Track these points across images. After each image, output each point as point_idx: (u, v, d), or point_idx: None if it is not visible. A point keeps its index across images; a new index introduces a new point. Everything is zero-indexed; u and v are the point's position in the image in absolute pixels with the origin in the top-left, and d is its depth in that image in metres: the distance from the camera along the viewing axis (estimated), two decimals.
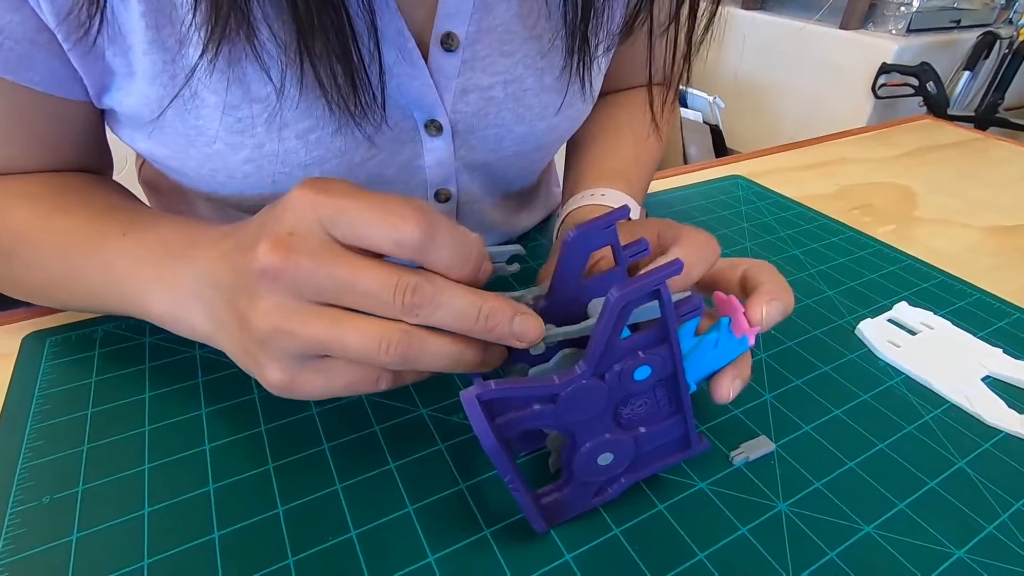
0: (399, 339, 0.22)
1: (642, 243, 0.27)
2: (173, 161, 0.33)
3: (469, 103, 0.36)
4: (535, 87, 0.38)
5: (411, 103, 0.35)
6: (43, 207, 0.32)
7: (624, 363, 0.23)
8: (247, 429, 0.31)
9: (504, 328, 0.23)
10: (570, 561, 0.26)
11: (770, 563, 0.26)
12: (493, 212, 0.47)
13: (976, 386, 0.35)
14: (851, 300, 0.43)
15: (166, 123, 0.31)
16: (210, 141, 0.31)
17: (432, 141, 0.37)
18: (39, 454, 0.29)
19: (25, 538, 0.25)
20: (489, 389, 0.22)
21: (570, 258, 0.25)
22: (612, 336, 0.22)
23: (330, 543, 0.26)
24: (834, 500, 0.29)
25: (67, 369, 0.34)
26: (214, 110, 0.30)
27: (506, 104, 0.37)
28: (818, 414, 0.33)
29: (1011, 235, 0.54)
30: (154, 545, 0.25)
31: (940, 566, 0.26)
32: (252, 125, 0.31)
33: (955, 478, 0.30)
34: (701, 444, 0.27)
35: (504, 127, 0.38)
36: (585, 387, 0.23)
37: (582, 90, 0.40)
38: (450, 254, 0.22)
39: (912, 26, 1.78)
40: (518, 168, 0.44)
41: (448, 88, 0.35)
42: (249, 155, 0.32)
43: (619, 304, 0.21)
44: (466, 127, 0.38)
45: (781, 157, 0.69)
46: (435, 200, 0.41)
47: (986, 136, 0.77)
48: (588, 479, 0.26)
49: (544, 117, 0.39)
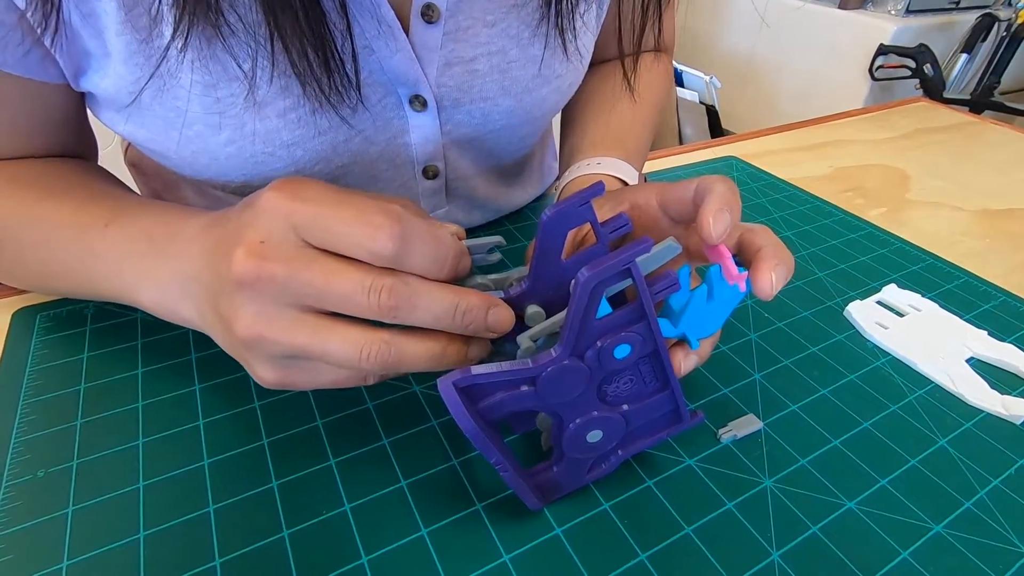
0: (379, 349, 0.23)
1: (622, 218, 0.26)
2: (154, 144, 0.32)
3: (453, 76, 0.36)
4: (520, 58, 0.37)
5: (394, 79, 0.34)
6: (29, 196, 0.32)
7: (602, 342, 0.23)
8: (241, 405, 0.31)
9: (480, 323, 0.24)
10: (560, 535, 0.26)
11: (755, 537, 0.26)
12: (484, 187, 0.46)
13: (960, 367, 0.36)
14: (841, 282, 0.44)
15: (144, 105, 0.30)
16: (190, 123, 0.31)
17: (417, 117, 0.37)
18: (33, 428, 0.29)
19: (21, 511, 0.26)
20: (465, 375, 0.22)
21: (547, 239, 0.25)
22: (586, 317, 0.22)
23: (324, 516, 0.26)
24: (818, 477, 0.29)
25: (58, 345, 0.34)
26: (191, 90, 0.30)
27: (491, 76, 0.37)
28: (805, 393, 0.34)
29: (1000, 218, 0.54)
30: (150, 518, 0.26)
31: (919, 540, 0.27)
32: (231, 105, 0.30)
33: (936, 456, 0.31)
34: (694, 418, 0.27)
35: (490, 100, 0.38)
36: (563, 368, 0.23)
37: (565, 52, 0.39)
38: (425, 261, 0.23)
39: (911, 7, 1.76)
40: (508, 142, 0.43)
41: (431, 61, 0.35)
42: (230, 136, 0.31)
43: (589, 285, 0.21)
44: (451, 101, 0.37)
45: (776, 138, 0.68)
46: (423, 177, 0.41)
47: (981, 120, 0.77)
48: (579, 456, 0.26)
49: (531, 89, 0.38)
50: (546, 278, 0.26)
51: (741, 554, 0.26)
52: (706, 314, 0.26)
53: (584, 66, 0.42)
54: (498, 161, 0.45)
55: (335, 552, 0.25)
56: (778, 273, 0.25)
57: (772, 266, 0.25)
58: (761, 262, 0.25)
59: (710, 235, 0.24)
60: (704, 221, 0.25)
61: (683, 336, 0.26)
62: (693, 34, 2.25)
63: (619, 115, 0.45)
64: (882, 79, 1.77)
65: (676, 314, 0.25)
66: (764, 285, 0.25)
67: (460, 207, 0.46)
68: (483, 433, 0.23)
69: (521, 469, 0.26)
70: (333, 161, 0.35)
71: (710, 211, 0.25)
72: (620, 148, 0.41)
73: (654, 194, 0.29)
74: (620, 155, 0.41)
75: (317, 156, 0.34)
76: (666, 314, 0.26)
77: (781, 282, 0.25)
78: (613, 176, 0.39)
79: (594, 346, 0.23)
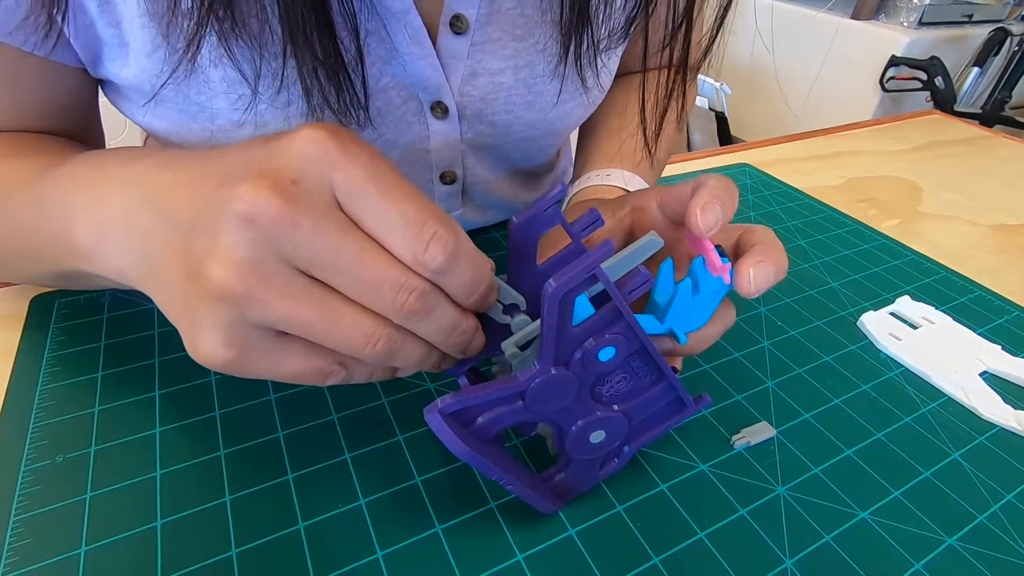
0: (387, 338, 0.21)
1: (592, 214, 0.25)
2: (175, 136, 0.32)
3: (477, 87, 0.36)
4: (547, 73, 0.37)
5: (416, 83, 0.34)
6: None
7: (584, 348, 0.22)
8: (256, 398, 0.31)
9: (463, 346, 0.23)
10: (574, 536, 0.26)
11: (767, 544, 0.26)
12: (500, 188, 0.46)
13: (974, 381, 0.36)
14: (854, 292, 0.44)
15: (167, 98, 0.30)
16: (212, 117, 0.31)
17: (438, 124, 0.37)
18: (51, 414, 0.29)
19: (40, 495, 0.26)
20: (450, 403, 0.21)
21: (518, 248, 0.24)
22: (561, 326, 0.21)
23: (339, 510, 0.26)
24: (831, 486, 0.29)
25: (76, 332, 0.34)
26: (216, 86, 0.30)
27: (516, 90, 0.37)
28: (818, 402, 0.34)
29: (1014, 234, 0.54)
30: (167, 506, 0.26)
31: (932, 552, 0.27)
32: (256, 102, 0.30)
33: (949, 469, 0.31)
34: (700, 403, 0.26)
35: (513, 113, 0.38)
36: (549, 379, 0.22)
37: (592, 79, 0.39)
38: (462, 284, 0.21)
39: (924, 19, 1.76)
40: (527, 152, 0.43)
41: (456, 70, 0.35)
42: (252, 132, 0.31)
43: (556, 296, 0.20)
44: (474, 111, 0.37)
45: (788, 147, 0.68)
46: (440, 182, 0.41)
47: (994, 134, 0.77)
48: (586, 457, 0.26)
49: (556, 104, 0.39)
50: (525, 285, 0.25)
51: (754, 561, 0.26)
52: (692, 308, 0.25)
53: (610, 82, 0.42)
54: (516, 166, 0.45)
55: (350, 546, 0.25)
56: (760, 270, 0.24)
57: (755, 262, 0.24)
58: (746, 257, 0.25)
59: (696, 226, 0.24)
60: (691, 211, 0.24)
61: (670, 331, 0.25)
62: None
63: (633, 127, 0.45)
64: (893, 91, 1.77)
65: (662, 309, 0.25)
66: (742, 281, 0.24)
67: (475, 208, 0.46)
68: (480, 455, 0.22)
69: (530, 476, 0.25)
70: None
71: (698, 203, 0.24)
72: (631, 162, 0.41)
73: (654, 196, 0.29)
74: (631, 168, 0.40)
75: None
76: (652, 310, 0.26)
77: (764, 280, 0.24)
78: (620, 188, 0.39)
79: (576, 353, 0.22)
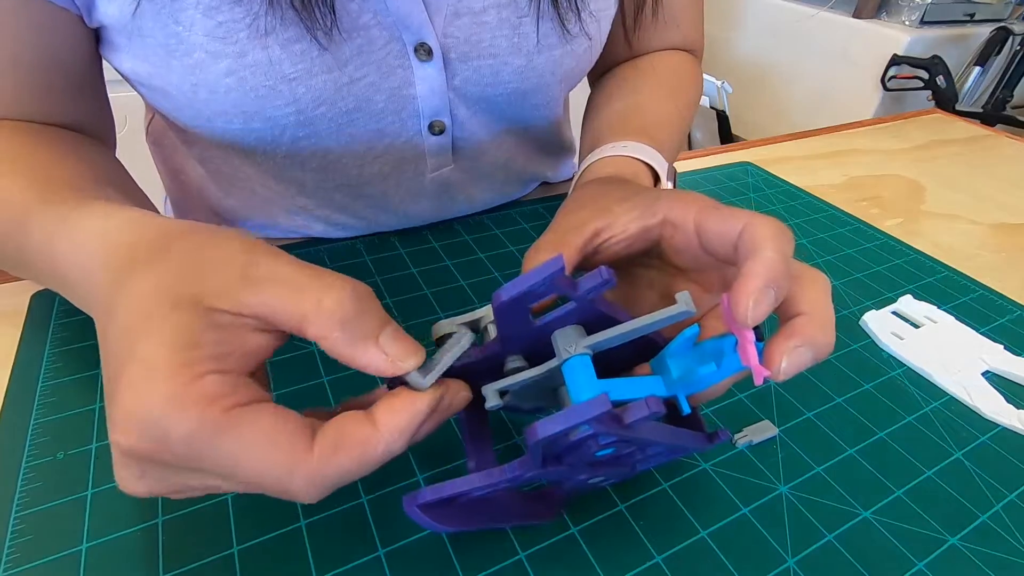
0: None
1: (601, 274, 0.20)
2: (157, 79, 0.32)
3: (461, 27, 0.35)
4: (532, 13, 0.36)
5: (398, 21, 0.34)
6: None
7: (575, 457, 0.21)
8: None
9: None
10: (576, 534, 0.26)
11: (770, 543, 0.26)
12: (493, 151, 0.45)
13: (976, 380, 0.36)
14: (857, 291, 0.44)
15: (146, 31, 0.30)
16: (190, 50, 0.30)
17: (423, 67, 0.36)
18: (52, 410, 0.29)
19: (41, 492, 0.26)
20: (428, 498, 0.21)
21: (507, 324, 0.22)
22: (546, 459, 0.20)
23: (342, 508, 0.26)
24: (834, 485, 0.29)
25: (77, 328, 0.34)
26: (193, 12, 0.29)
27: (500, 31, 0.36)
28: (820, 401, 0.34)
29: (1016, 233, 0.54)
30: (168, 503, 0.26)
31: (934, 552, 0.27)
32: (234, 31, 0.30)
33: (952, 468, 0.31)
34: (715, 440, 0.24)
35: (499, 57, 0.37)
36: (537, 475, 0.21)
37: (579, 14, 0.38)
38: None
39: (926, 18, 1.76)
40: (520, 107, 0.42)
41: (439, 10, 0.35)
42: (231, 66, 0.31)
43: (539, 447, 0.19)
44: (459, 54, 0.36)
45: (790, 145, 0.68)
46: (429, 132, 0.40)
47: (996, 133, 0.77)
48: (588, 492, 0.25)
49: (543, 49, 0.38)
50: (518, 341, 0.23)
51: (756, 560, 0.26)
52: (704, 380, 0.22)
53: (602, 34, 0.41)
54: (509, 126, 0.44)
55: (352, 544, 0.25)
56: (795, 358, 0.20)
57: (792, 347, 0.20)
58: (782, 338, 0.21)
59: (744, 318, 0.20)
60: (740, 299, 0.20)
61: (673, 397, 0.22)
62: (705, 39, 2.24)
63: (647, 105, 0.43)
64: (894, 89, 1.77)
65: (672, 379, 0.22)
66: (771, 366, 0.21)
67: (466, 171, 0.45)
68: (466, 522, 0.22)
69: (524, 504, 0.25)
70: (337, 105, 0.34)
71: (751, 289, 0.20)
72: (646, 136, 0.38)
73: (692, 214, 0.24)
74: (648, 143, 0.38)
75: (319, 97, 0.33)
76: (660, 371, 0.23)
77: (795, 369, 0.21)
78: (641, 160, 0.36)
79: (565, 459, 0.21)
